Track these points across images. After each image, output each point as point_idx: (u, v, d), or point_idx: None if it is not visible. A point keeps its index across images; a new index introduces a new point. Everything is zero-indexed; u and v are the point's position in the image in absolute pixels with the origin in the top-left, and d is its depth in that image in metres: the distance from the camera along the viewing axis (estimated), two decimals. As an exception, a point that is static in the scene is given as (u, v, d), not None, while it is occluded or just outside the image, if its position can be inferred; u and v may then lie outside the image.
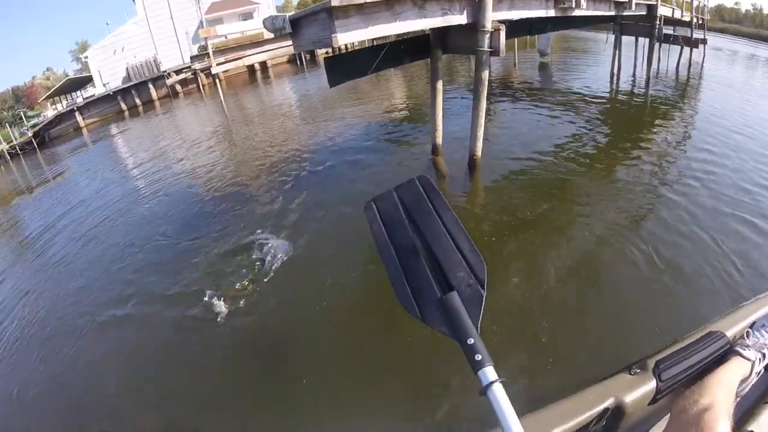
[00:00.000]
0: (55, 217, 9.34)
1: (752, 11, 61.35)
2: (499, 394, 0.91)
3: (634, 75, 13.93)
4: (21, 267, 7.23)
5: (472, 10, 5.23)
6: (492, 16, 5.29)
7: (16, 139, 25.39)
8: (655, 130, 8.30)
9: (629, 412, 1.30)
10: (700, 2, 16.10)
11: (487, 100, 5.96)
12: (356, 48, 5.49)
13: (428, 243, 1.17)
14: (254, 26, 25.62)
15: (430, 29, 5.82)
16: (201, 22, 29.96)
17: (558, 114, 9.47)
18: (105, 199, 9.56)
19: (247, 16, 31.79)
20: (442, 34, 6.13)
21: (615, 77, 13.11)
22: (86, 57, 30.85)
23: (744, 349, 1.43)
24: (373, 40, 6.32)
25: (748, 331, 1.50)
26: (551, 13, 6.95)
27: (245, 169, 9.09)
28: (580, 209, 5.34)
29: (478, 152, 6.43)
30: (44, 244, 7.85)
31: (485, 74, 5.75)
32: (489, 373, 0.93)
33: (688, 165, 6.39)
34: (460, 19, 5.15)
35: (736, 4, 64.91)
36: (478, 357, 0.95)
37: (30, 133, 25.70)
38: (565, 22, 9.85)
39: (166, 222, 7.11)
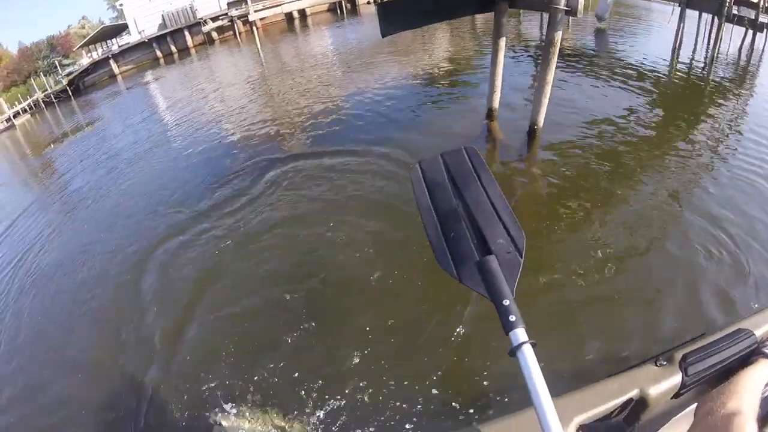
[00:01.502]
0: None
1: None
2: (528, 354, 0.94)
3: (693, 52, 12.88)
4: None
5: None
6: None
7: (51, 88, 25.35)
8: (711, 112, 7.57)
9: (653, 403, 1.30)
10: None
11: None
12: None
13: (470, 209, 1.21)
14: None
15: None
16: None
17: (614, 85, 8.77)
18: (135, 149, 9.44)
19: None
20: None
21: (676, 53, 12.08)
22: (121, 4, 30.54)
23: None
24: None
25: None
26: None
27: (275, 129, 8.53)
28: (636, 186, 4.96)
29: (541, 121, 5.90)
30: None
31: (558, 36, 5.19)
32: (520, 334, 0.96)
33: (740, 148, 5.84)
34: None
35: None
36: (512, 318, 0.98)
37: (65, 82, 25.72)
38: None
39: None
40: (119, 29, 32.39)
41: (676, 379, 1.30)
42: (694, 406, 1.27)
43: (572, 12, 4.82)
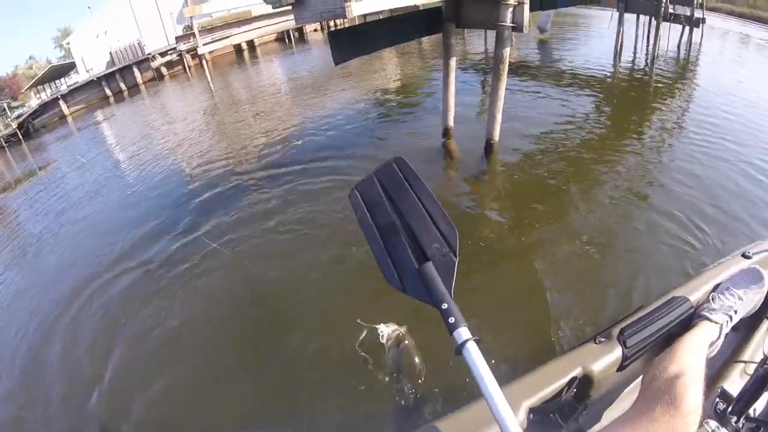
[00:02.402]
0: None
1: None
2: (473, 351, 0.96)
3: (635, 53, 13.60)
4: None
5: (494, -21, 4.82)
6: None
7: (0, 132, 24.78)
8: (660, 106, 8.09)
9: (598, 379, 1.34)
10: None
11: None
12: (362, 22, 5.09)
13: (406, 220, 1.23)
14: (241, 3, 24.98)
15: (444, 1, 5.48)
16: (186, 0, 29.20)
17: (562, 92, 9.14)
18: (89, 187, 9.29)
19: (233, -7, 30.80)
20: (456, 6, 5.69)
21: (618, 55, 12.77)
22: (68, 43, 29.90)
23: (711, 313, 1.47)
24: (390, 10, 5.87)
25: (713, 295, 1.54)
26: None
27: (232, 158, 8.57)
28: (595, 185, 5.24)
29: (496, 136, 6.06)
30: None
31: (506, 52, 5.36)
32: (463, 332, 0.98)
33: (692, 133, 6.48)
34: (482, -11, 4.73)
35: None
36: (452, 320, 1.00)
37: (14, 125, 25.03)
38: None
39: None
40: (68, 68, 31.41)
41: (617, 353, 1.36)
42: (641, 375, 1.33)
43: (518, 28, 5.01)
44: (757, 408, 1.34)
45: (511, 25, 5.02)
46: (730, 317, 1.48)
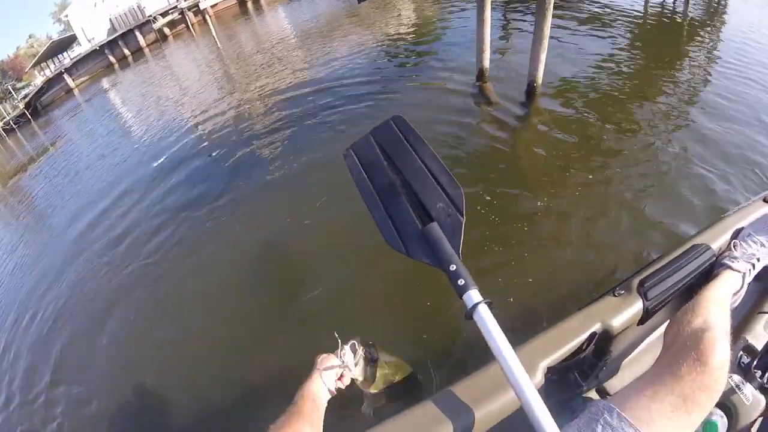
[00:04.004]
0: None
1: None
2: (485, 314, 0.97)
3: None
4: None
5: None
6: None
7: (8, 115, 24.58)
8: (692, 48, 7.13)
9: (619, 333, 1.30)
10: None
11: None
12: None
13: (407, 180, 1.23)
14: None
15: None
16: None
17: (596, 32, 8.10)
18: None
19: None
20: None
21: None
22: (67, 16, 29.60)
23: (732, 261, 1.41)
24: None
25: (735, 242, 1.48)
26: None
27: (244, 121, 7.89)
28: (636, 136, 4.51)
29: (539, 77, 5.36)
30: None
31: None
32: (473, 295, 1.00)
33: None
34: None
35: None
36: (461, 282, 1.01)
37: (21, 106, 24.94)
38: None
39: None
40: (69, 42, 31.49)
41: (638, 305, 1.30)
42: (664, 327, 1.26)
43: None
44: None
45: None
46: (753, 265, 1.42)
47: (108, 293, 4.34)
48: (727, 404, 1.20)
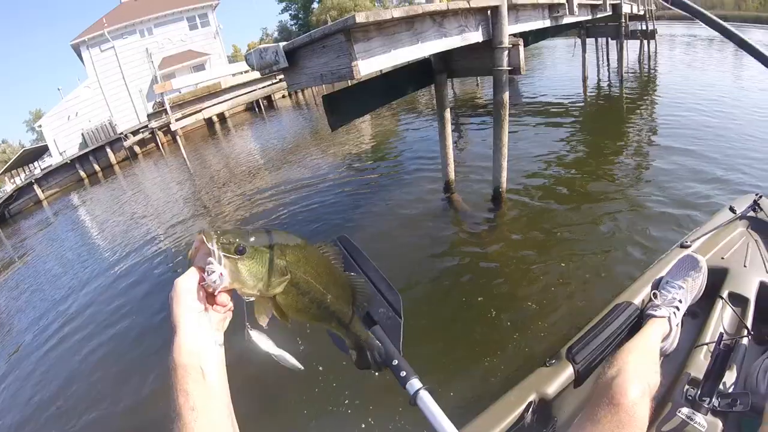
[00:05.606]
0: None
1: None
2: (427, 399, 1.00)
3: (598, 75, 14.32)
4: None
5: (487, 25, 4.65)
6: (508, 30, 4.74)
7: (-25, 219, 24.34)
8: (635, 120, 8.58)
9: (555, 400, 1.37)
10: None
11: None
12: (355, 82, 4.60)
13: None
14: (209, 77, 25.64)
15: (433, 54, 5.25)
16: (155, 77, 29.71)
17: (541, 126, 9.15)
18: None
19: (199, 67, 31.11)
20: (445, 56, 5.44)
21: (586, 80, 13.35)
22: (40, 126, 29.99)
23: (655, 310, 1.53)
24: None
25: (655, 293, 1.60)
26: (547, 23, 6.52)
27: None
28: (596, 216, 5.23)
29: (504, 183, 5.71)
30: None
31: (506, 96, 5.08)
32: (414, 383, 1.03)
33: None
34: (476, 36, 4.55)
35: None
36: (403, 373, 1.06)
37: (-9, 211, 24.68)
38: (551, 31, 9.22)
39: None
40: (41, 151, 31.54)
41: (569, 371, 1.40)
42: None
43: (516, 71, 4.75)
44: (726, 382, 1.34)
45: (508, 68, 4.81)
46: (677, 308, 1.54)
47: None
48: None
